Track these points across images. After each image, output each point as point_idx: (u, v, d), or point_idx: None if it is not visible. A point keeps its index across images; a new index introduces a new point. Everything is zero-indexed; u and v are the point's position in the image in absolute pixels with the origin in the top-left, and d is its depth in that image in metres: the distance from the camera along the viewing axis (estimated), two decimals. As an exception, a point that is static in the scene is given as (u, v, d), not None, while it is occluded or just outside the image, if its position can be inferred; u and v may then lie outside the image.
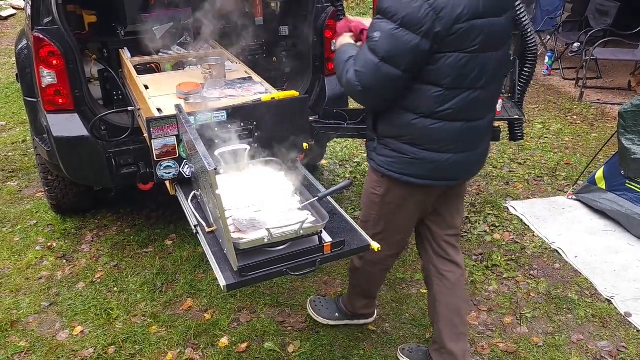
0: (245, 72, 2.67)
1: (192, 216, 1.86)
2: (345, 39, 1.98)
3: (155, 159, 1.97)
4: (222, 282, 1.55)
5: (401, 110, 1.82)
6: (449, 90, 1.76)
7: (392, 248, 2.15)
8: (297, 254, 1.64)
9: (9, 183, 4.04)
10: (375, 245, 1.71)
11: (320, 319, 2.61)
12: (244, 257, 1.60)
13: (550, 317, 2.66)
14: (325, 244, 1.67)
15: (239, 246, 1.58)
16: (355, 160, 4.40)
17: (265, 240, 1.59)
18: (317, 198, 1.81)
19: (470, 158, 1.95)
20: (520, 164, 4.30)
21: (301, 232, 1.62)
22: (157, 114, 2.08)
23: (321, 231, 1.71)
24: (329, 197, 1.93)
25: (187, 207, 1.93)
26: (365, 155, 2.12)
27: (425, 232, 2.19)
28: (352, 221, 1.84)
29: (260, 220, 1.69)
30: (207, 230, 1.78)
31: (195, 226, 1.81)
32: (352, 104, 3.04)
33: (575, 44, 6.33)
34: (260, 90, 2.22)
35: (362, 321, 2.60)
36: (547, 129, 4.98)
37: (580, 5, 7.14)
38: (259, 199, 1.83)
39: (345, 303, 2.57)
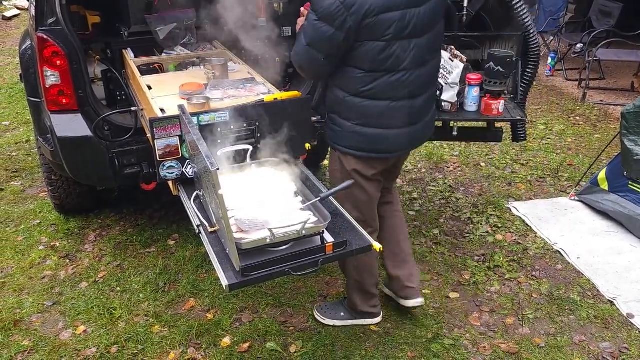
0: (248, 72, 2.68)
1: (194, 216, 1.87)
2: (303, 20, 2.12)
3: (158, 159, 1.98)
4: (225, 282, 1.55)
5: (336, 89, 2.09)
6: (370, 73, 2.02)
7: (366, 226, 2.20)
8: (300, 254, 1.64)
9: (12, 183, 4.05)
10: (377, 246, 1.71)
11: (326, 321, 2.62)
12: (246, 257, 1.60)
13: (552, 318, 2.66)
14: (327, 244, 1.68)
15: (241, 246, 1.58)
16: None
17: (268, 241, 1.60)
18: (319, 198, 1.81)
19: (407, 133, 2.18)
20: (522, 164, 4.30)
21: (303, 232, 1.62)
22: (160, 115, 2.09)
23: (323, 231, 1.71)
24: (330, 198, 1.93)
25: (190, 207, 1.94)
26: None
27: None
28: (354, 221, 1.84)
29: (262, 220, 1.70)
30: (210, 230, 1.79)
31: (197, 226, 1.81)
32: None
33: (578, 45, 6.32)
34: (263, 91, 2.23)
35: (367, 321, 2.61)
36: (550, 130, 4.97)
37: (583, 6, 7.14)
38: (261, 199, 1.84)
39: (348, 302, 2.60)
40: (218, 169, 1.44)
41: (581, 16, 7.04)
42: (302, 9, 2.21)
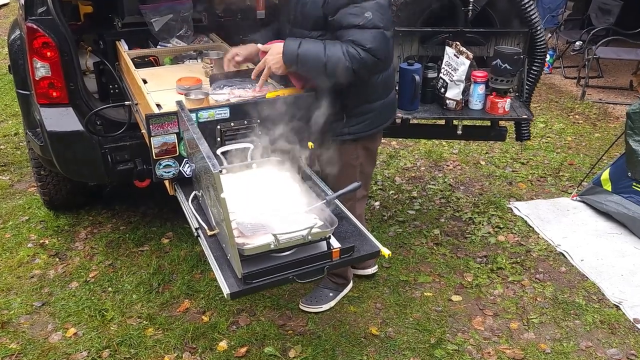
0: (247, 66, 2.58)
1: (193, 218, 1.78)
2: (276, 47, 2.03)
3: (154, 157, 1.88)
4: (226, 290, 1.46)
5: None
6: None
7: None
8: (304, 260, 1.56)
9: (0, 177, 3.93)
10: (385, 252, 1.63)
11: (323, 307, 2.64)
12: (248, 263, 1.52)
13: (557, 322, 2.60)
14: (334, 250, 1.59)
15: (243, 252, 1.50)
16: (356, 158, 4.31)
17: (272, 247, 1.51)
18: (324, 201, 1.73)
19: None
20: (523, 163, 4.24)
21: (309, 237, 1.54)
22: (156, 110, 1.99)
23: (329, 236, 1.63)
24: (336, 200, 1.84)
25: (188, 208, 1.84)
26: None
27: None
28: (360, 225, 1.76)
29: (265, 224, 1.61)
30: (209, 233, 1.70)
31: (196, 229, 1.72)
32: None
33: (577, 43, 6.26)
34: (271, 91, 2.13)
35: (348, 287, 2.74)
36: (550, 128, 4.92)
37: (582, 4, 7.08)
38: (263, 201, 1.75)
39: (334, 278, 2.66)
40: (220, 170, 1.35)
41: (580, 13, 6.99)
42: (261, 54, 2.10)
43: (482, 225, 3.39)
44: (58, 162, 2.72)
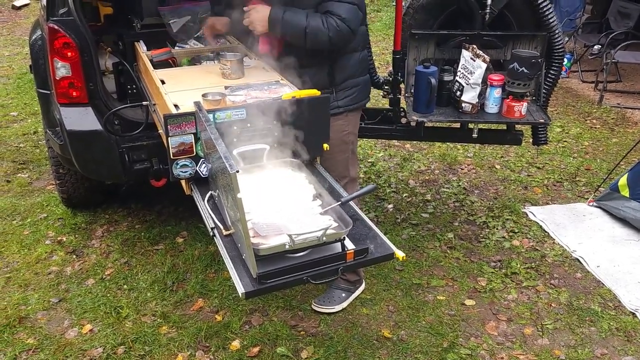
0: (263, 67, 2.60)
1: (209, 218, 1.79)
2: (263, 9, 2.24)
3: (171, 157, 1.90)
4: (241, 290, 1.48)
5: (351, 52, 2.41)
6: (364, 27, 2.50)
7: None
8: (319, 261, 1.56)
9: (19, 175, 4.00)
10: (400, 254, 1.63)
11: (336, 307, 2.66)
12: (263, 263, 1.53)
13: (572, 329, 2.57)
14: (348, 252, 1.60)
15: (258, 252, 1.51)
16: (370, 160, 4.32)
17: (287, 247, 1.52)
18: (339, 203, 1.73)
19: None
20: (539, 168, 4.21)
21: (324, 239, 1.55)
22: (174, 111, 2.01)
23: (344, 238, 1.63)
24: (351, 202, 1.85)
25: (204, 208, 1.86)
26: (379, 155, 2.30)
27: None
28: (375, 227, 1.76)
29: (280, 225, 1.62)
30: (225, 233, 1.71)
31: (212, 229, 1.74)
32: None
33: (596, 47, 6.20)
34: (287, 92, 2.14)
35: (360, 288, 2.78)
36: (566, 133, 4.87)
37: (601, 7, 7.00)
38: (279, 202, 1.76)
39: (347, 277, 2.69)
40: (238, 171, 1.36)
41: (598, 17, 6.91)
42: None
43: (497, 229, 3.37)
44: (77, 161, 2.76)
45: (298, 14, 2.20)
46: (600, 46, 6.03)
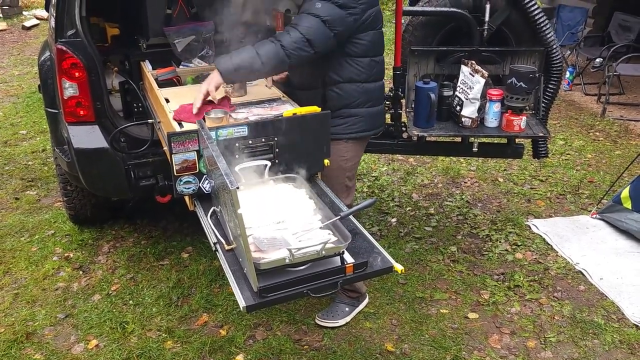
0: (266, 85, 2.65)
1: (211, 233, 1.83)
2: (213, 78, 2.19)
3: (175, 173, 1.95)
4: (242, 303, 1.51)
5: (349, 81, 2.37)
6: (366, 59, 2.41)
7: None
8: (319, 275, 1.60)
9: (28, 192, 4.07)
10: (399, 268, 1.66)
11: (339, 322, 2.67)
12: (264, 277, 1.56)
13: (575, 342, 2.57)
14: (347, 265, 1.63)
15: (259, 266, 1.54)
16: (373, 175, 4.35)
17: (287, 261, 1.55)
18: (339, 217, 1.77)
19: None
20: (541, 180, 4.22)
21: (323, 252, 1.58)
22: (177, 129, 2.07)
23: (343, 252, 1.66)
24: (350, 216, 1.88)
25: (207, 223, 1.90)
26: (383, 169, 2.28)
27: None
28: (374, 241, 1.79)
29: (280, 239, 1.65)
30: (227, 248, 1.75)
31: (214, 244, 1.77)
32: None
33: (598, 60, 6.23)
34: (289, 109, 2.19)
35: (364, 303, 2.79)
36: (569, 146, 4.88)
37: (602, 21, 7.06)
38: (279, 217, 1.80)
39: (349, 293, 2.71)
40: (238, 187, 1.40)
41: (600, 30, 6.96)
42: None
43: (500, 242, 3.38)
44: (84, 178, 2.81)
45: (243, 51, 2.17)
46: (602, 59, 6.06)
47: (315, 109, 2.17)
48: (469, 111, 2.81)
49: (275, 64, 2.15)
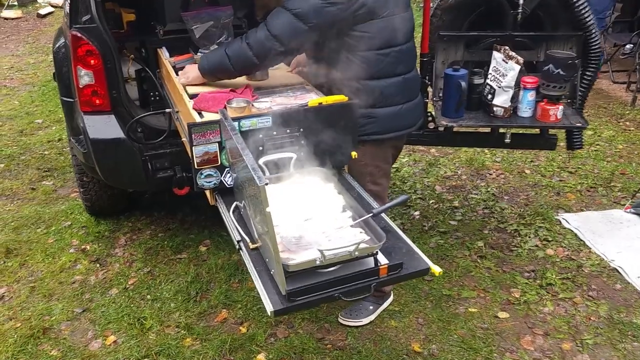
0: (287, 71, 2.54)
1: (234, 230, 1.73)
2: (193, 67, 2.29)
3: (195, 167, 1.85)
4: (269, 308, 1.41)
5: (355, 79, 2.18)
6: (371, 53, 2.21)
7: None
8: (351, 277, 1.49)
9: (44, 182, 4.01)
10: (436, 270, 1.54)
11: (363, 320, 2.57)
12: (293, 280, 1.46)
13: (613, 344, 2.44)
14: (381, 267, 1.52)
15: (287, 268, 1.43)
16: (394, 166, 4.20)
17: (317, 262, 1.44)
18: (371, 214, 1.65)
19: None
20: (571, 172, 4.05)
21: (356, 253, 1.47)
22: (198, 118, 1.96)
23: (377, 252, 1.55)
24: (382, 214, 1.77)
25: (229, 219, 1.80)
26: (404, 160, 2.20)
27: None
28: (409, 240, 1.67)
29: (309, 238, 1.55)
30: (251, 246, 1.64)
31: (238, 242, 1.67)
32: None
33: (627, 46, 5.99)
34: (313, 98, 2.07)
35: (388, 301, 2.68)
36: (599, 136, 4.69)
37: (631, 5, 6.76)
38: (307, 213, 1.69)
39: (374, 292, 2.62)
40: (267, 183, 1.29)
41: (629, 15, 6.67)
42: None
43: (529, 237, 3.24)
44: (100, 169, 2.73)
45: (216, 51, 2.22)
46: (632, 45, 5.82)
47: (342, 97, 2.05)
48: (501, 100, 2.66)
49: (243, 63, 2.11)
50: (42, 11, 9.56)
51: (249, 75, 2.32)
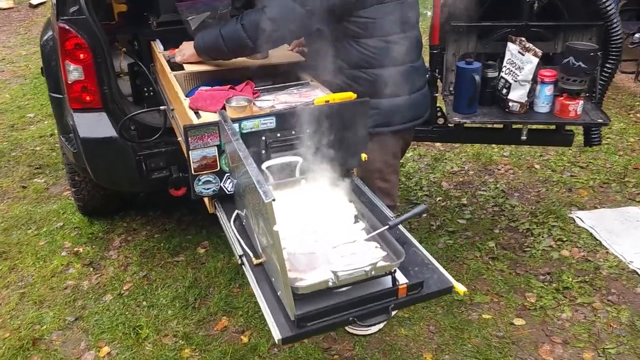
0: (287, 48, 2.38)
1: (236, 243, 1.58)
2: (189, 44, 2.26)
3: (193, 172, 1.70)
4: (277, 336, 1.26)
5: (354, 67, 2.11)
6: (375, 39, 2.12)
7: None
8: (367, 298, 1.34)
9: (35, 180, 3.85)
10: (460, 289, 1.40)
11: (372, 329, 2.42)
12: (302, 303, 1.31)
13: (638, 354, 2.31)
14: (400, 286, 1.37)
15: (297, 290, 1.29)
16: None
17: (330, 284, 1.30)
18: (387, 227, 1.50)
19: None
20: (582, 167, 3.91)
21: (372, 273, 1.32)
22: (194, 118, 1.80)
23: (395, 270, 1.40)
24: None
25: (230, 231, 1.65)
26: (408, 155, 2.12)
27: None
28: (428, 255, 1.53)
29: (319, 255, 1.40)
30: (255, 262, 1.50)
31: (240, 257, 1.53)
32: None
33: (636, 35, 5.80)
34: (319, 96, 1.92)
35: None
36: (609, 129, 4.53)
37: (640, -8, 6.59)
38: (315, 224, 1.54)
39: None
40: (274, 199, 1.14)
41: (638, 3, 6.49)
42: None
43: (542, 237, 3.10)
44: (91, 170, 2.58)
45: (212, 31, 2.15)
46: (641, 34, 5.64)
47: (351, 95, 1.89)
48: (517, 95, 2.50)
49: (236, 44, 2.05)
50: (35, 1, 9.31)
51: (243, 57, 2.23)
